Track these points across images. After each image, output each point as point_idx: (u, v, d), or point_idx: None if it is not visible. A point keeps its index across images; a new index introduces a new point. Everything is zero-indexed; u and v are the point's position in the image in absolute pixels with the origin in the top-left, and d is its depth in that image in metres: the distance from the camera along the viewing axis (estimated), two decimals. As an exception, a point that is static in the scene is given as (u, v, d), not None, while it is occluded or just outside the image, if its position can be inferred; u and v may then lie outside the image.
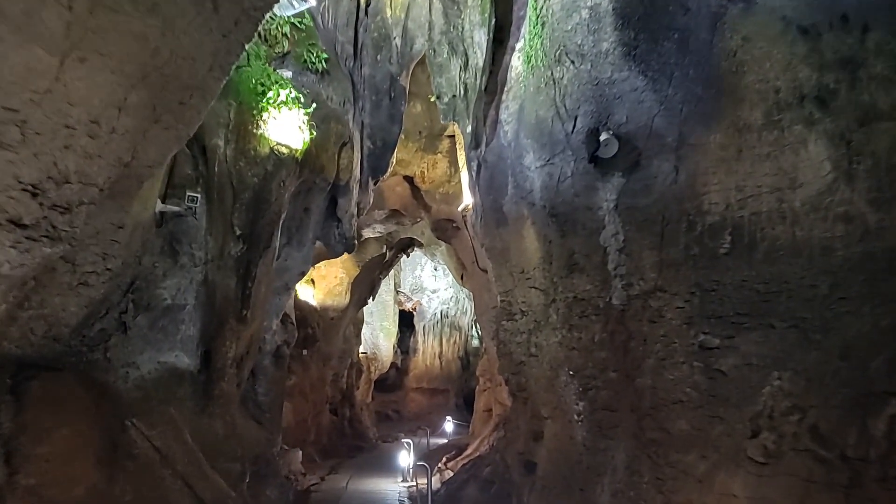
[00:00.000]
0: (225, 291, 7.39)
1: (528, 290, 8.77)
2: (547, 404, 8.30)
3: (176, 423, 6.64)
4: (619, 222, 6.84)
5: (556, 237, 7.64)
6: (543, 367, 8.30)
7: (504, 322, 9.41)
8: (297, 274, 9.27)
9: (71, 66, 4.71)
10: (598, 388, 6.94)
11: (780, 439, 4.82)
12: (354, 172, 9.16)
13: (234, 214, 7.39)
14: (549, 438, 8.20)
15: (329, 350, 20.15)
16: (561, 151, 7.46)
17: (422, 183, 13.48)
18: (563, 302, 7.62)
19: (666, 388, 6.28)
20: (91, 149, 5.22)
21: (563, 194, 7.43)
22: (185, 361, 7.38)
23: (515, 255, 9.04)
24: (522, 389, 8.97)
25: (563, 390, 7.71)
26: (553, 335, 7.98)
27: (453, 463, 14.29)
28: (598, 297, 7.01)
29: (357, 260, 20.18)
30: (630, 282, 6.72)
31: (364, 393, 25.87)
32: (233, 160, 7.38)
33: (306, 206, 8.58)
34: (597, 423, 6.92)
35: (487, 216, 9.59)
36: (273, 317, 9.22)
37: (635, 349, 6.63)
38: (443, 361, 31.79)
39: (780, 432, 4.86)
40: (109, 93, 5.09)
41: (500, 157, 9.25)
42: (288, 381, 17.39)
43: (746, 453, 5.01)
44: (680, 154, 6.41)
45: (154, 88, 5.40)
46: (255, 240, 7.49)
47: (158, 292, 7.30)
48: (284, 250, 8.74)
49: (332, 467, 17.46)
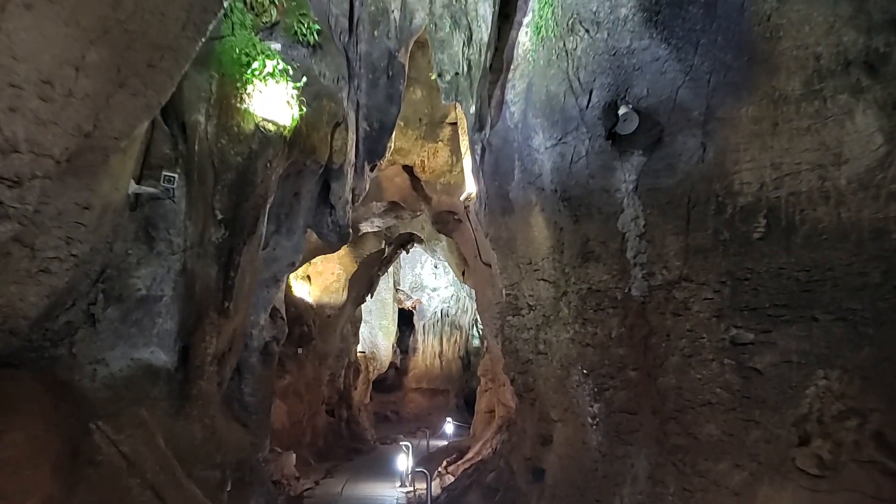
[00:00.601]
0: (205, 281, 6.74)
1: (536, 283, 8.12)
2: (557, 406, 7.65)
3: (147, 425, 5.99)
4: (640, 205, 6.20)
5: (569, 223, 6.99)
6: (553, 365, 7.65)
7: (510, 317, 8.76)
8: (286, 265, 8.61)
9: (14, 13, 4.06)
10: (615, 389, 6.29)
11: (837, 448, 4.16)
12: (349, 156, 8.50)
13: (216, 197, 6.74)
14: (560, 443, 7.54)
15: (325, 349, 19.51)
16: (574, 129, 6.81)
17: (422, 173, 12.83)
18: (575, 294, 6.97)
19: (693, 388, 5.63)
20: (44, 114, 4.56)
21: (577, 176, 6.78)
22: (162, 358, 6.73)
23: (522, 245, 8.39)
24: (530, 390, 8.32)
25: (576, 391, 7.06)
26: (564, 331, 7.33)
27: (454, 467, 13.64)
28: (616, 288, 6.36)
29: (355, 256, 19.56)
30: (652, 271, 6.07)
31: (362, 393, 25.23)
32: (214, 137, 6.73)
33: (296, 191, 7.93)
34: (614, 427, 6.27)
35: (492, 204, 8.94)
36: (261, 311, 8.57)
37: (657, 345, 5.98)
38: (443, 361, 31.13)
39: (835, 440, 4.21)
40: (63, 48, 4.44)
41: (505, 140, 8.60)
42: (282, 381, 16.77)
43: (795, 463, 4.35)
44: (707, 129, 5.77)
45: (117, 46, 4.74)
46: (239, 225, 6.84)
47: (132, 282, 6.66)
48: (273, 239, 8.08)
49: (328, 471, 16.83)
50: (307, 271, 19.02)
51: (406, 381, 30.92)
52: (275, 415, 16.53)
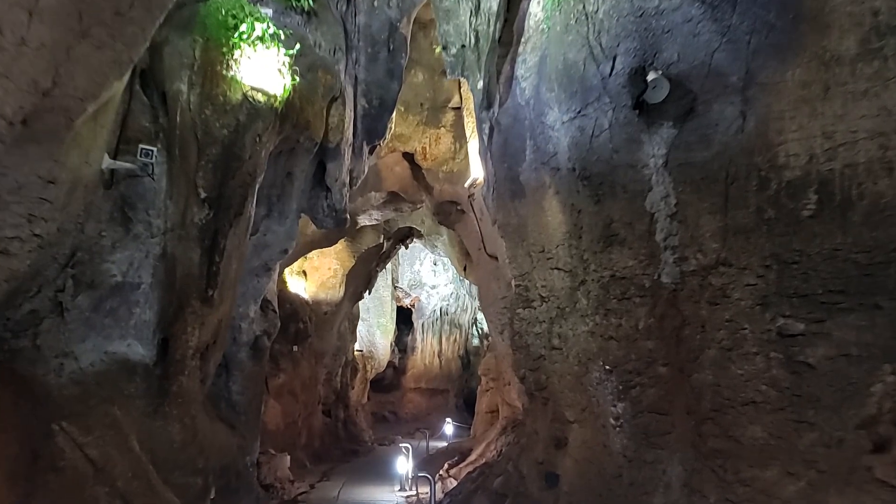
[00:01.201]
0: (187, 266, 6.09)
1: (549, 272, 7.47)
2: (573, 406, 7.01)
3: (120, 426, 5.34)
4: (670, 182, 5.56)
5: (589, 204, 6.36)
6: (569, 361, 7.01)
7: (520, 310, 8.11)
8: (278, 252, 7.95)
9: (-51, -63, 3.44)
10: (643, 387, 5.65)
11: (924, 455, 3.54)
12: (346, 134, 7.85)
13: (199, 173, 6.09)
14: (577, 446, 6.91)
15: (322, 347, 18.86)
16: (595, 100, 6.17)
17: (423, 160, 12.18)
18: (596, 283, 6.33)
19: (733, 385, 5.00)
20: (-9, 65, 3.94)
21: (599, 151, 6.15)
22: (139, 352, 6.08)
23: (534, 232, 7.75)
24: (542, 388, 7.68)
25: (596, 389, 6.43)
26: (582, 323, 6.69)
27: (456, 470, 12.99)
28: (643, 274, 5.72)
29: (352, 250, 18.92)
30: (684, 255, 5.43)
31: (359, 393, 24.57)
32: (197, 108, 6.08)
33: (289, 171, 7.27)
34: (642, 429, 5.63)
35: (501, 188, 8.29)
36: (250, 302, 7.92)
37: (691, 338, 5.34)
38: (442, 360, 30.45)
39: (921, 445, 3.58)
40: (11, -14, 3.81)
41: (515, 118, 7.96)
42: (276, 380, 16.11)
43: (874, 474, 3.72)
44: (748, 96, 5.15)
45: (77, -12, 4.12)
46: (224, 205, 6.19)
47: (105, 267, 6.01)
48: (263, 223, 7.43)
49: (324, 473, 16.17)
50: (303, 266, 18.38)
51: (404, 381, 30.22)
52: (269, 415, 15.89)
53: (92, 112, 5.17)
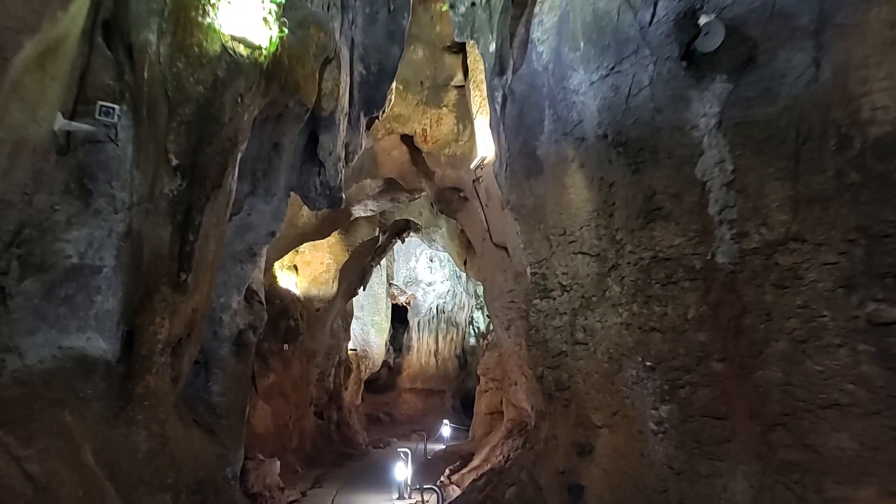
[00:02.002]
0: (155, 246, 5.19)
1: (571, 258, 6.61)
2: (601, 408, 6.15)
3: (70, 435, 4.44)
4: (726, 145, 4.70)
5: (624, 176, 5.49)
6: (597, 357, 6.15)
7: (536, 301, 7.25)
8: (264, 234, 7.04)
9: None
10: (694, 386, 4.78)
11: None
12: (342, 102, 6.96)
13: (169, 137, 5.17)
14: (606, 455, 6.04)
15: (314, 345, 17.95)
16: (632, 53, 5.31)
17: (423, 143, 11.29)
18: (633, 266, 5.46)
19: (809, 384, 4.14)
20: None
21: (637, 112, 5.28)
22: (100, 347, 5.17)
23: (553, 213, 6.88)
24: (563, 388, 6.81)
25: (632, 389, 5.56)
26: (614, 314, 5.82)
27: (458, 476, 12.12)
28: (694, 254, 4.85)
29: (346, 244, 18.02)
30: (744, 230, 4.57)
31: (353, 394, 23.66)
32: (168, 60, 5.18)
33: (276, 142, 6.37)
34: (693, 437, 4.76)
35: (515, 164, 7.43)
36: (233, 292, 7.02)
37: (754, 328, 4.48)
38: (439, 360, 29.54)
39: None
40: None
41: (531, 85, 7.10)
42: (266, 380, 15.20)
43: None
44: (821, 40, 4.29)
45: None
46: (200, 174, 5.28)
47: (59, 247, 5.10)
48: (247, 202, 6.54)
49: (317, 479, 15.27)
50: (294, 260, 17.47)
51: (400, 381, 29.28)
52: (257, 417, 14.97)
53: (35, 55, 4.28)
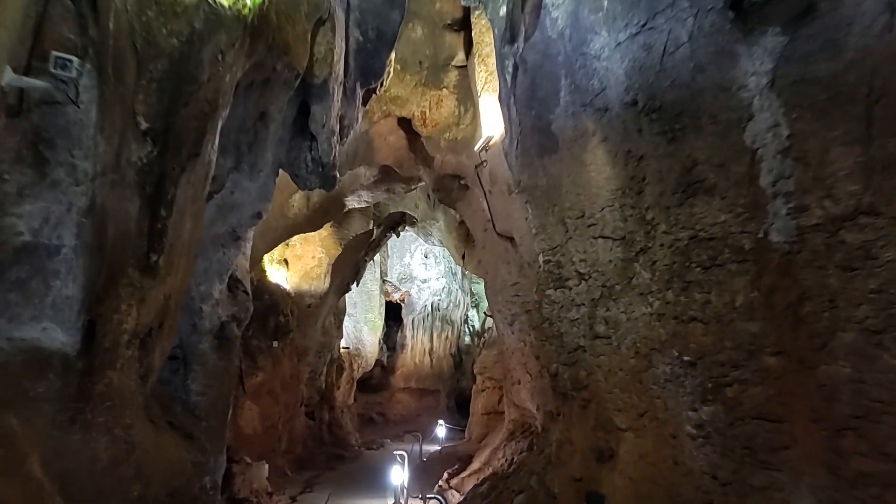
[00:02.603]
0: (122, 222, 4.50)
1: (590, 243, 5.97)
2: (626, 409, 5.51)
3: (15, 442, 3.76)
4: (780, 107, 4.05)
5: (657, 147, 4.85)
6: (621, 353, 5.51)
7: (550, 292, 6.60)
8: (249, 216, 6.35)
9: None
10: (743, 384, 4.14)
11: None
12: (336, 70, 6.28)
13: (138, 97, 4.48)
14: (631, 461, 5.40)
15: (305, 343, 17.25)
16: (668, 6, 4.65)
17: (422, 127, 10.62)
18: (667, 249, 4.82)
19: (886, 381, 3.50)
20: None
21: (674, 73, 4.63)
22: (58, 339, 4.46)
23: (570, 194, 6.24)
24: (581, 387, 6.16)
25: (664, 388, 4.92)
26: (642, 303, 5.18)
27: (458, 480, 11.46)
28: (742, 232, 4.20)
29: (339, 237, 17.32)
30: (803, 203, 3.92)
31: (345, 393, 22.96)
32: (136, 9, 4.49)
33: (263, 111, 5.68)
34: (743, 443, 4.11)
35: (527, 141, 6.78)
36: (214, 279, 6.33)
37: (815, 316, 3.84)
38: (433, 359, 28.84)
39: None
40: None
41: (545, 54, 6.46)
42: (254, 379, 14.49)
43: None
44: (897, -18, 3.66)
45: None
46: (174, 141, 4.59)
47: (9, 222, 4.39)
48: (230, 178, 5.85)
49: (307, 483, 14.58)
50: (284, 254, 16.76)
51: (393, 380, 28.57)
52: (245, 418, 14.26)
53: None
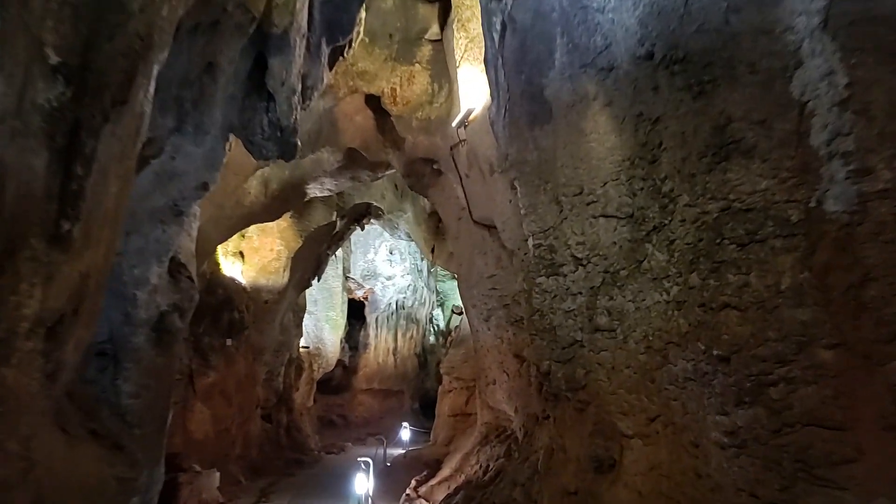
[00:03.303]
0: (24, 181, 3.56)
1: (589, 223, 5.24)
2: (633, 412, 4.79)
3: None
4: (836, 50, 3.35)
5: (680, 104, 4.13)
6: (629, 348, 4.79)
7: (541, 279, 5.85)
8: (194, 187, 5.41)
9: None
10: (791, 382, 3.43)
11: None
12: (299, 20, 5.39)
13: (47, 23, 3.56)
14: (639, 473, 4.68)
15: (261, 341, 16.24)
16: (695, -64, 3.95)
17: (392, 105, 9.79)
18: (691, 224, 4.10)
19: (980, 381, 2.84)
20: None
21: (702, 15, 3.91)
22: (-59, 328, 3.50)
23: (566, 168, 5.51)
24: (577, 387, 5.43)
25: (683, 388, 4.21)
26: (656, 290, 4.46)
27: (427, 488, 10.65)
28: (789, 201, 3.50)
29: (299, 229, 16.36)
30: (867, 165, 3.23)
31: (305, 395, 21.94)
32: (46, -87, 3.57)
33: (210, 60, 4.74)
34: (792, 454, 3.40)
35: (516, 110, 6.03)
36: (151, 262, 5.38)
37: (883, 301, 3.15)
38: (397, 359, 27.94)
39: None
40: None
41: (537, 12, 5.72)
42: (205, 379, 13.44)
43: None
44: None
45: None
46: (95, 81, 3.67)
47: None
48: (171, 141, 4.92)
49: (263, 491, 13.58)
50: (239, 246, 15.73)
51: (355, 381, 27.55)
52: (196, 422, 13.20)
53: None
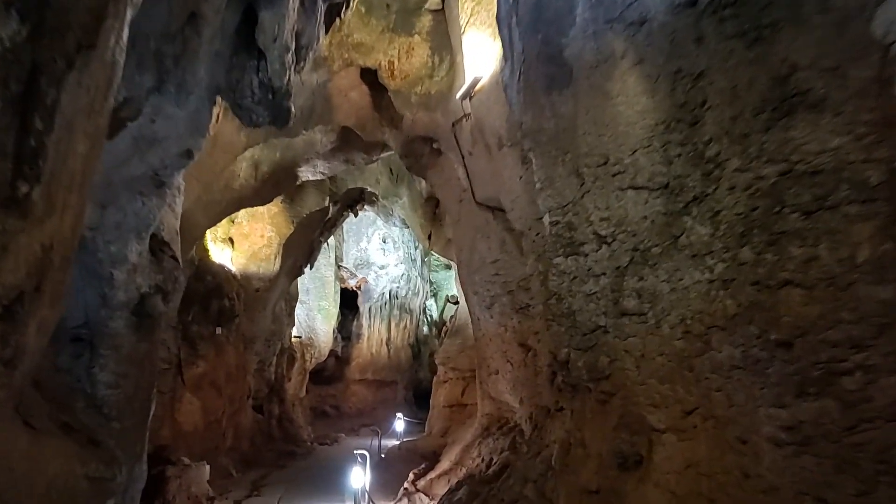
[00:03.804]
0: (-28, 135, 3.03)
1: (616, 196, 4.76)
2: (666, 404, 4.33)
3: None
4: (926, -16, 2.89)
5: (729, 56, 3.63)
6: (662, 333, 4.31)
7: (559, 260, 5.37)
8: (176, 153, 4.85)
9: None
10: (869, 372, 2.95)
11: None
12: (293, -31, 4.90)
13: (-2, -52, 3.03)
14: (673, 471, 4.22)
15: (252, 330, 15.72)
16: None
17: (390, 79, 9.24)
18: (742, 192, 3.61)
19: None
20: None
21: (759, -50, 3.43)
22: None
23: (588, 136, 5.01)
24: (600, 377, 4.96)
25: (729, 377, 3.73)
26: (696, 268, 3.99)
27: (426, 482, 10.19)
28: (866, 161, 3.01)
29: (291, 215, 15.82)
30: (965, 117, 2.77)
31: (297, 385, 21.45)
32: None
33: (194, 10, 4.21)
34: (872, 454, 2.93)
35: (531, 73, 5.52)
36: (130, 238, 4.84)
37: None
38: (391, 349, 27.45)
39: None
40: None
41: (556, -36, 5.21)
42: (195, 369, 12.91)
43: None
44: None
45: None
46: (56, 20, 3.13)
47: None
48: (151, 102, 4.37)
49: (255, 484, 13.10)
50: (229, 232, 15.18)
51: (348, 372, 27.04)
52: (185, 413, 12.67)
53: None
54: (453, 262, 20.81)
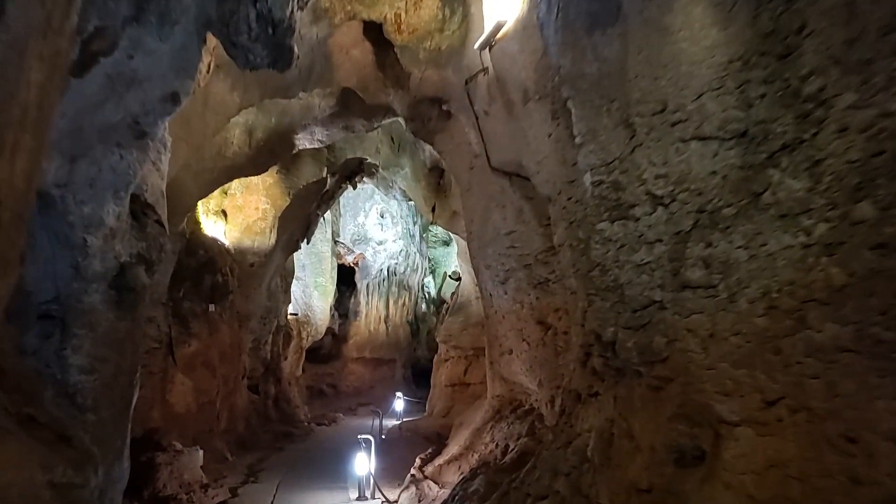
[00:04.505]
0: None
1: (676, 149, 4.07)
2: (738, 393, 3.68)
3: None
4: None
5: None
6: (738, 308, 3.65)
7: (603, 225, 4.70)
8: (159, 97, 4.10)
9: None
10: None
11: None
12: None
13: None
14: (748, 471, 3.59)
15: (247, 307, 15.06)
16: None
17: (396, 33, 8.45)
18: (857, 134, 2.92)
19: None
20: None
21: None
22: None
23: (641, 80, 4.31)
24: (654, 360, 4.31)
25: (831, 362, 3.09)
26: (785, 231, 3.32)
27: (435, 468, 9.60)
28: None
29: (287, 186, 15.07)
30: None
31: (293, 364, 20.86)
32: None
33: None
34: None
35: (571, 10, 4.79)
36: (107, 197, 4.12)
37: None
38: (389, 327, 26.84)
39: None
40: None
41: None
42: (186, 348, 12.23)
43: None
44: None
45: None
46: None
47: None
48: (127, 34, 3.61)
49: (251, 468, 12.53)
50: (222, 204, 14.44)
51: (346, 350, 26.43)
52: (177, 394, 12.02)
53: None
54: (454, 238, 20.11)
